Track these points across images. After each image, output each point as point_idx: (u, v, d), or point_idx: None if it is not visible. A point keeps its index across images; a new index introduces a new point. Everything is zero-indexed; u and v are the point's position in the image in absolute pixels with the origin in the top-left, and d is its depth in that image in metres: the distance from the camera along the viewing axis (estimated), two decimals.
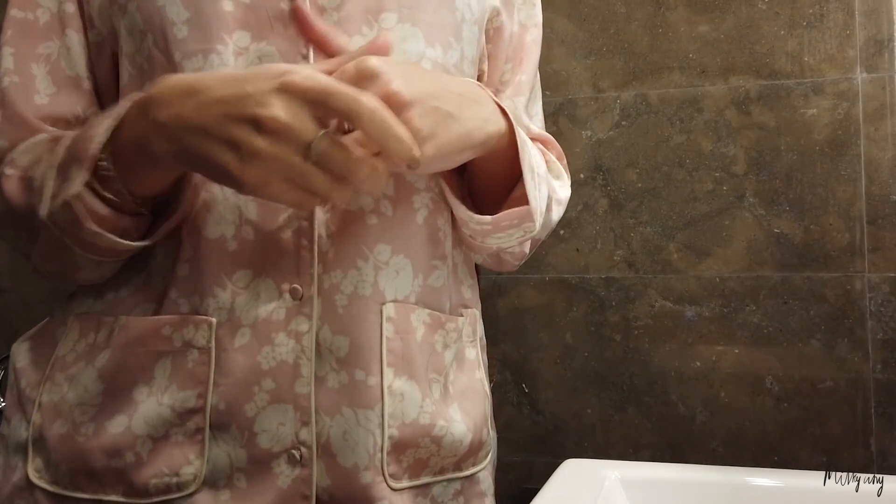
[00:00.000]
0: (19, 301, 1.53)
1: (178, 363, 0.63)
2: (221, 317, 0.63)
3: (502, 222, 0.67)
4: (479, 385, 0.74)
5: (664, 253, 1.24)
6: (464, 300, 0.75)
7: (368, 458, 0.63)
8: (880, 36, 1.16)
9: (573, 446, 1.28)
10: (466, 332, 0.74)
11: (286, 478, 0.63)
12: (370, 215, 0.65)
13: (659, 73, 1.25)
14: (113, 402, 0.64)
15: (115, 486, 0.63)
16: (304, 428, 0.63)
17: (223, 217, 0.63)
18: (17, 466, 0.66)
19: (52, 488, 0.64)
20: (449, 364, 0.70)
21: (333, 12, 0.64)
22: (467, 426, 0.70)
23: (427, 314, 0.68)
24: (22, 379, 0.69)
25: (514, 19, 0.77)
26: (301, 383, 0.63)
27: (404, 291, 0.67)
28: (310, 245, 0.63)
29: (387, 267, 0.66)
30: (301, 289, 0.63)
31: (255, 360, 0.63)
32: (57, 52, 0.69)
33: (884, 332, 1.15)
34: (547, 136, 0.81)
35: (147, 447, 0.63)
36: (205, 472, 0.62)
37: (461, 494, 0.71)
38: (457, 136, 0.59)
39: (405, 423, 0.65)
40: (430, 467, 0.68)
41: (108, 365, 0.65)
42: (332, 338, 0.64)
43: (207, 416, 0.62)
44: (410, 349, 0.66)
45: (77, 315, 0.68)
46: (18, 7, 0.69)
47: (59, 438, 0.65)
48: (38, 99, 0.68)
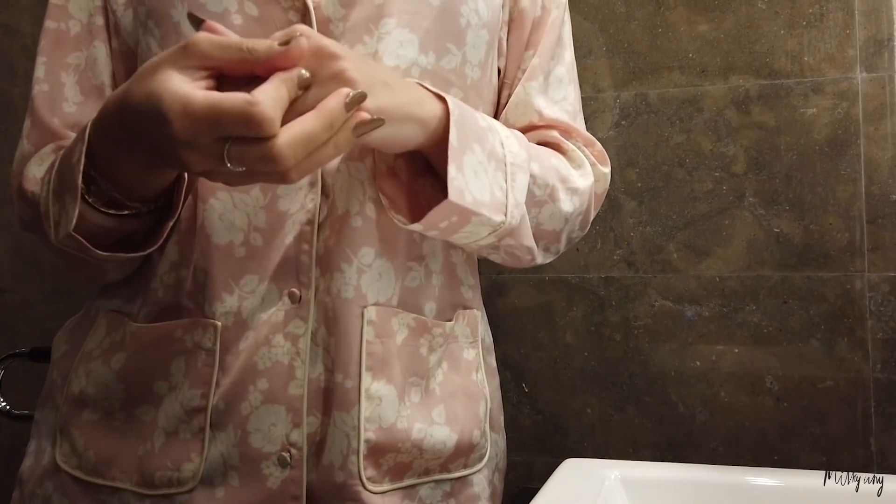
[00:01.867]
0: (19, 301, 1.53)
1: (190, 362, 0.65)
2: (227, 320, 0.65)
3: (439, 222, 0.62)
4: (474, 387, 0.74)
5: (664, 253, 1.24)
6: (463, 301, 0.75)
7: (342, 458, 0.64)
8: (880, 35, 1.16)
9: (573, 446, 1.28)
10: (464, 332, 0.74)
11: (276, 479, 0.64)
12: (355, 217, 0.66)
13: (659, 73, 1.25)
14: (138, 396, 0.67)
15: (131, 473, 0.65)
16: (295, 429, 0.64)
17: (233, 224, 0.65)
18: (47, 451, 0.70)
19: (75, 473, 0.68)
20: (434, 366, 0.70)
21: (339, 22, 0.65)
22: (452, 428, 0.70)
23: (412, 318, 0.68)
24: (54, 370, 0.73)
25: (538, 3, 0.76)
26: (294, 385, 0.64)
27: (386, 294, 0.67)
28: (310, 249, 0.65)
29: (370, 270, 0.66)
30: (299, 292, 0.64)
31: (251, 359, 0.64)
32: (85, 61, 0.72)
33: (884, 331, 1.15)
34: (566, 123, 0.77)
35: (161, 440, 0.65)
36: (202, 470, 0.64)
37: (451, 497, 0.71)
38: (392, 102, 0.57)
39: (382, 427, 0.65)
40: (413, 469, 0.68)
41: (125, 368, 0.67)
42: (327, 340, 0.65)
43: (208, 416, 0.64)
44: (390, 353, 0.66)
45: (106, 312, 0.71)
46: (53, 18, 0.73)
47: (90, 424, 0.68)
48: (66, 107, 0.72)
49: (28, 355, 1.19)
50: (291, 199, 0.64)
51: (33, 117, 0.72)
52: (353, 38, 0.65)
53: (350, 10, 0.65)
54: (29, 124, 0.72)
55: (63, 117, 0.71)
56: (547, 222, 0.72)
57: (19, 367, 1.21)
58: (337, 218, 0.65)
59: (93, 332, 0.71)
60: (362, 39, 0.65)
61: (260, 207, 0.64)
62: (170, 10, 0.65)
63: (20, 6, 1.52)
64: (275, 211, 0.64)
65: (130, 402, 0.67)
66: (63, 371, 0.71)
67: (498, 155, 0.64)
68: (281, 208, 0.64)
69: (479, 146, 0.63)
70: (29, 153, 0.71)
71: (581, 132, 0.78)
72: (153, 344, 0.66)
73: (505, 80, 0.77)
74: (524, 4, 0.75)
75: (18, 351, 1.20)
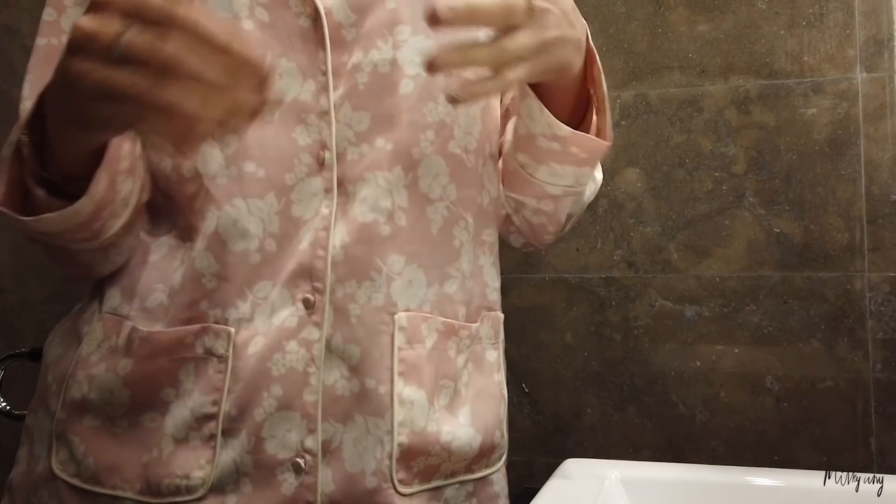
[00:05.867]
0: (19, 301, 1.53)
1: (201, 369, 0.64)
2: (240, 326, 0.64)
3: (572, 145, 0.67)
4: (495, 388, 0.74)
5: (664, 253, 1.24)
6: (488, 302, 0.75)
7: (375, 463, 0.64)
8: (880, 35, 1.16)
9: (573, 446, 1.28)
10: (487, 334, 0.74)
11: (290, 485, 0.64)
12: (384, 226, 0.66)
13: (659, 73, 1.25)
14: (144, 403, 0.66)
15: (133, 482, 0.64)
16: (309, 436, 0.64)
17: (248, 231, 0.64)
18: (41, 457, 0.68)
19: (73, 481, 0.66)
20: (462, 368, 0.71)
21: (351, 28, 0.65)
22: (476, 429, 0.70)
23: (441, 322, 0.69)
24: (49, 374, 0.71)
25: None
26: (309, 391, 0.64)
27: (417, 301, 0.67)
28: (324, 255, 0.65)
29: (399, 277, 0.67)
30: (313, 298, 0.64)
31: (265, 366, 0.64)
32: None
33: (884, 331, 1.15)
34: None
35: (169, 447, 0.64)
36: (213, 477, 0.63)
37: (474, 496, 0.72)
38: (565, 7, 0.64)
39: (415, 430, 0.66)
40: (441, 471, 0.69)
41: (133, 374, 0.66)
42: (343, 346, 0.65)
43: (220, 423, 0.64)
44: (421, 358, 0.67)
45: (101, 315, 0.69)
46: (44, 35, 0.72)
47: (91, 431, 0.66)
48: None
49: (28, 355, 1.19)
50: (306, 205, 0.65)
51: None
52: (368, 43, 0.65)
53: (362, 15, 0.66)
54: None
55: None
56: (576, 203, 0.79)
57: (19, 368, 1.21)
58: (361, 226, 0.66)
59: (88, 336, 0.69)
60: (376, 45, 0.66)
61: (274, 213, 0.64)
62: None
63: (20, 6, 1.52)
64: (289, 217, 0.64)
65: (135, 408, 0.65)
66: (59, 375, 0.69)
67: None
68: (295, 214, 0.65)
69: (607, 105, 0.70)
70: None
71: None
72: (162, 350, 0.65)
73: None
74: None
75: (18, 351, 1.20)
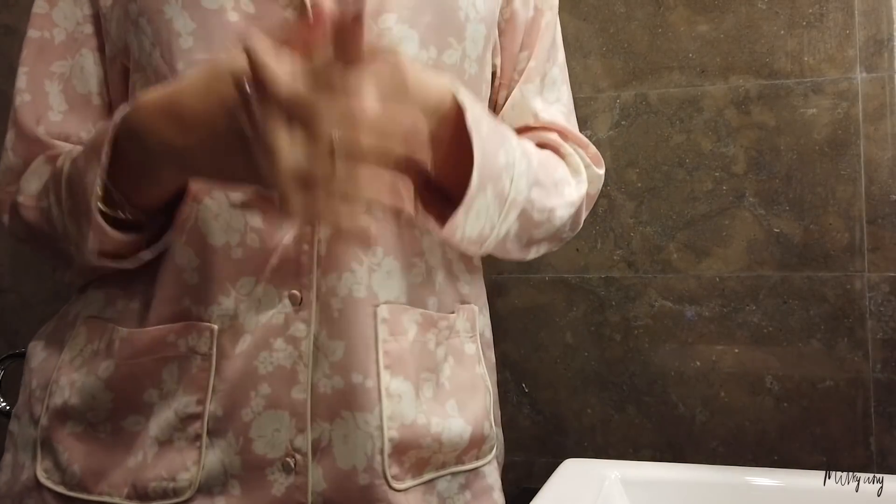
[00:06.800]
0: (19, 301, 1.53)
1: (184, 368, 0.64)
2: (224, 323, 0.63)
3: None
4: (479, 380, 0.74)
5: (664, 253, 1.24)
6: (461, 296, 0.75)
7: (366, 459, 0.64)
8: (880, 35, 1.16)
9: (573, 446, 1.28)
10: (465, 327, 0.74)
11: (280, 485, 0.63)
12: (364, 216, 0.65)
13: (659, 73, 1.25)
14: (126, 406, 0.65)
15: (120, 486, 0.63)
16: (299, 435, 0.63)
17: (229, 225, 0.63)
18: (26, 465, 0.67)
19: (58, 489, 0.65)
20: (442, 360, 0.70)
21: None
22: (465, 419, 0.70)
23: (419, 314, 0.68)
24: (32, 380, 0.70)
25: (530, 5, 0.76)
26: (298, 389, 0.63)
27: (395, 292, 0.67)
28: (310, 250, 0.64)
29: (379, 268, 0.66)
30: (300, 294, 0.64)
31: (252, 364, 0.63)
32: (70, 70, 0.70)
33: (884, 331, 1.15)
34: (562, 126, 0.77)
35: (154, 450, 0.63)
36: (200, 478, 0.62)
37: (467, 488, 0.71)
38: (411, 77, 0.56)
39: (405, 424, 0.65)
40: (431, 464, 0.68)
41: (114, 376, 0.65)
42: (328, 342, 0.64)
43: (205, 423, 0.63)
44: (404, 350, 0.66)
45: (85, 319, 0.69)
46: (36, 28, 0.72)
47: (74, 437, 0.65)
48: (51, 115, 0.70)
49: None
50: None
51: (17, 129, 0.69)
52: None
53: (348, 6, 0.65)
54: (13, 136, 0.70)
55: (49, 126, 0.69)
56: (541, 234, 0.73)
57: (19, 368, 1.21)
58: None
59: (72, 341, 0.68)
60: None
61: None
62: (163, 7, 0.64)
63: (20, 6, 1.52)
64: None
65: (118, 412, 0.64)
66: (42, 381, 0.69)
67: (503, 195, 0.64)
68: None
69: (491, 188, 0.62)
70: (16, 166, 0.69)
71: (575, 134, 0.79)
72: (144, 350, 0.64)
73: (501, 80, 0.78)
74: (516, 5, 0.75)
75: (18, 351, 1.20)
